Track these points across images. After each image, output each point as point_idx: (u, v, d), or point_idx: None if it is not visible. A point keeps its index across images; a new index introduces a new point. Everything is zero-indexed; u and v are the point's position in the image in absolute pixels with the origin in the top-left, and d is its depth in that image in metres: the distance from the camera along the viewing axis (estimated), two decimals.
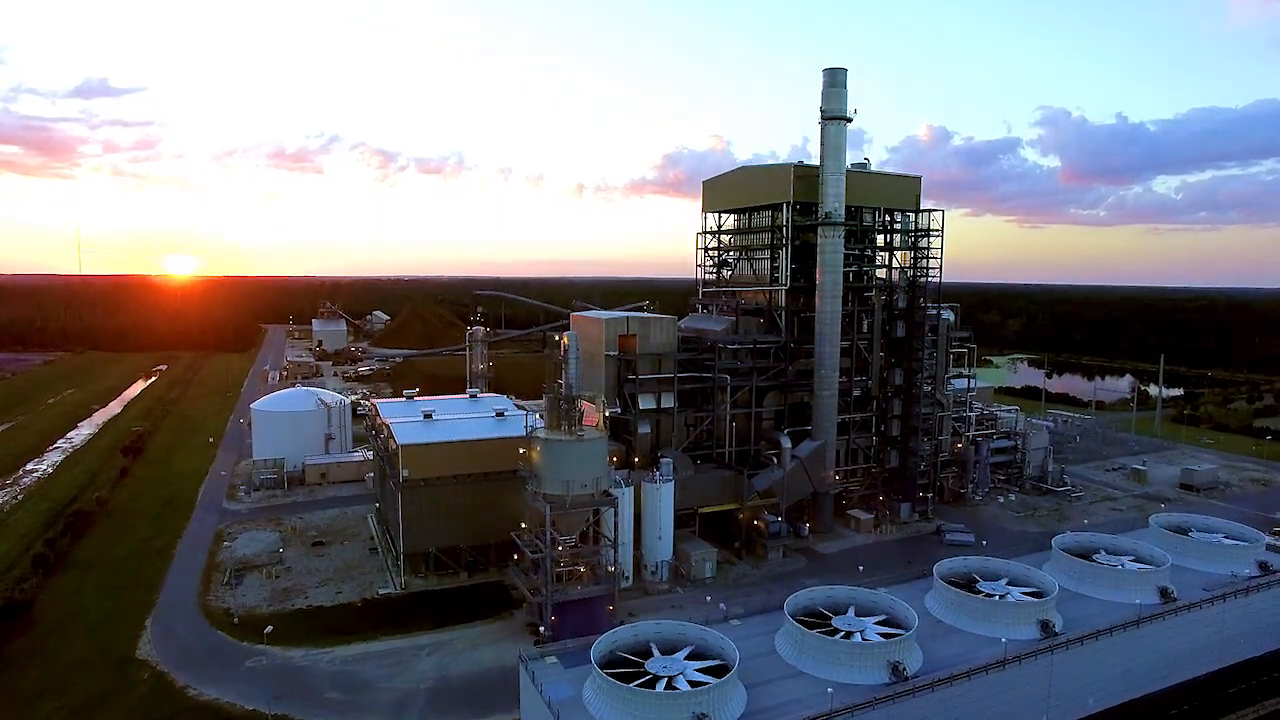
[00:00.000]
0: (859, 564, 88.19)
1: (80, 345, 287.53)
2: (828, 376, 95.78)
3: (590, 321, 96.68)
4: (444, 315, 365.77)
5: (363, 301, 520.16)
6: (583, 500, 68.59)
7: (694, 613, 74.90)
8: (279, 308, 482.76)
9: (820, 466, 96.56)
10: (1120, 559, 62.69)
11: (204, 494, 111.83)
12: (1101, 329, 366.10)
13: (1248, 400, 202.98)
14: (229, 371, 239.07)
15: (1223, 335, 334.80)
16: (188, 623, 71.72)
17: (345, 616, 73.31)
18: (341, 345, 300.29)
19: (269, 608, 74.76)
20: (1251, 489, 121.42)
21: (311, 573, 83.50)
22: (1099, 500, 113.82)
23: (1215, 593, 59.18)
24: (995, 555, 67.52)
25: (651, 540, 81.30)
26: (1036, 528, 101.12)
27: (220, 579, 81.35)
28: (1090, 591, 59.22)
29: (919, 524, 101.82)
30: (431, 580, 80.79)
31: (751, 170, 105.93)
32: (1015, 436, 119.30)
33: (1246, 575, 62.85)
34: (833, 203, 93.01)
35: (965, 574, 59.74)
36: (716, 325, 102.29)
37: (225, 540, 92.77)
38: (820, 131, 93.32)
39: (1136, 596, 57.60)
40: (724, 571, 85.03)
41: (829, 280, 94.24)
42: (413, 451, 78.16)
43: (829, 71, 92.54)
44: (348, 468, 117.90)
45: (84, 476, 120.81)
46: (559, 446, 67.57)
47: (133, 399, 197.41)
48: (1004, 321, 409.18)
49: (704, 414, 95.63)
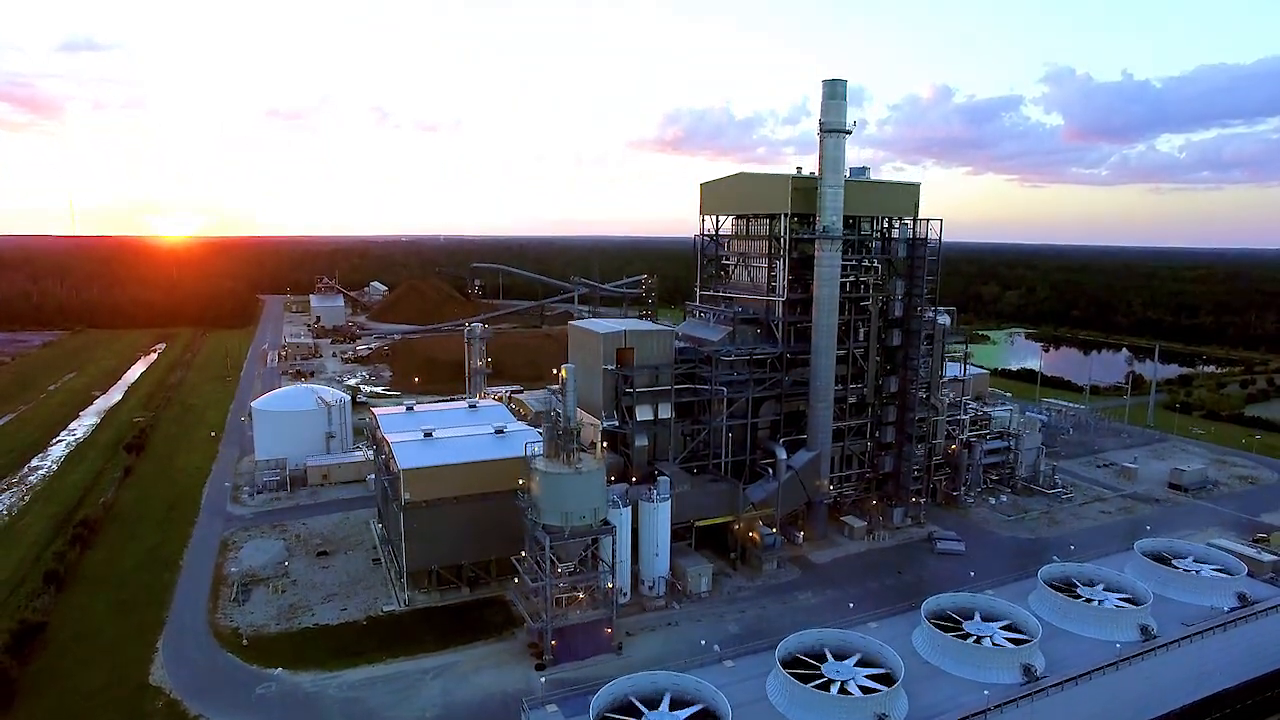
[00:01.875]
0: (852, 574, 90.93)
1: (78, 323, 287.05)
2: (823, 389, 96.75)
3: (588, 334, 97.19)
4: (442, 288, 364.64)
5: (360, 270, 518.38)
6: (581, 530, 70.18)
7: (690, 631, 77.68)
8: (276, 274, 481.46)
9: (815, 475, 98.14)
10: (1104, 594, 64.46)
11: (208, 496, 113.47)
12: (1099, 305, 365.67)
13: (1241, 385, 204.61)
14: (228, 353, 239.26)
15: (1220, 310, 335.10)
16: (198, 644, 73.75)
17: (351, 636, 75.35)
18: (340, 321, 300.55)
19: (277, 627, 76.81)
20: (1239, 488, 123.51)
21: (316, 587, 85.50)
22: (1089, 501, 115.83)
23: (1194, 630, 61.10)
24: (983, 585, 69.84)
25: (649, 557, 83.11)
26: (1026, 534, 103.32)
27: (228, 594, 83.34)
28: (1073, 628, 61.10)
29: (911, 529, 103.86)
30: (434, 596, 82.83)
31: (749, 178, 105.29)
32: (1009, 437, 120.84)
33: (1226, 608, 64.83)
34: (831, 216, 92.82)
35: (953, 610, 61.53)
36: (714, 334, 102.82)
37: (231, 550, 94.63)
38: (819, 143, 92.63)
39: (1118, 634, 59.62)
40: (719, 584, 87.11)
41: (826, 294, 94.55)
42: (415, 475, 79.43)
43: (829, 84, 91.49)
44: (349, 468, 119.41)
45: (88, 476, 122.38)
46: (558, 479, 68.85)
47: (133, 383, 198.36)
48: (1002, 293, 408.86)
49: (700, 425, 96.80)
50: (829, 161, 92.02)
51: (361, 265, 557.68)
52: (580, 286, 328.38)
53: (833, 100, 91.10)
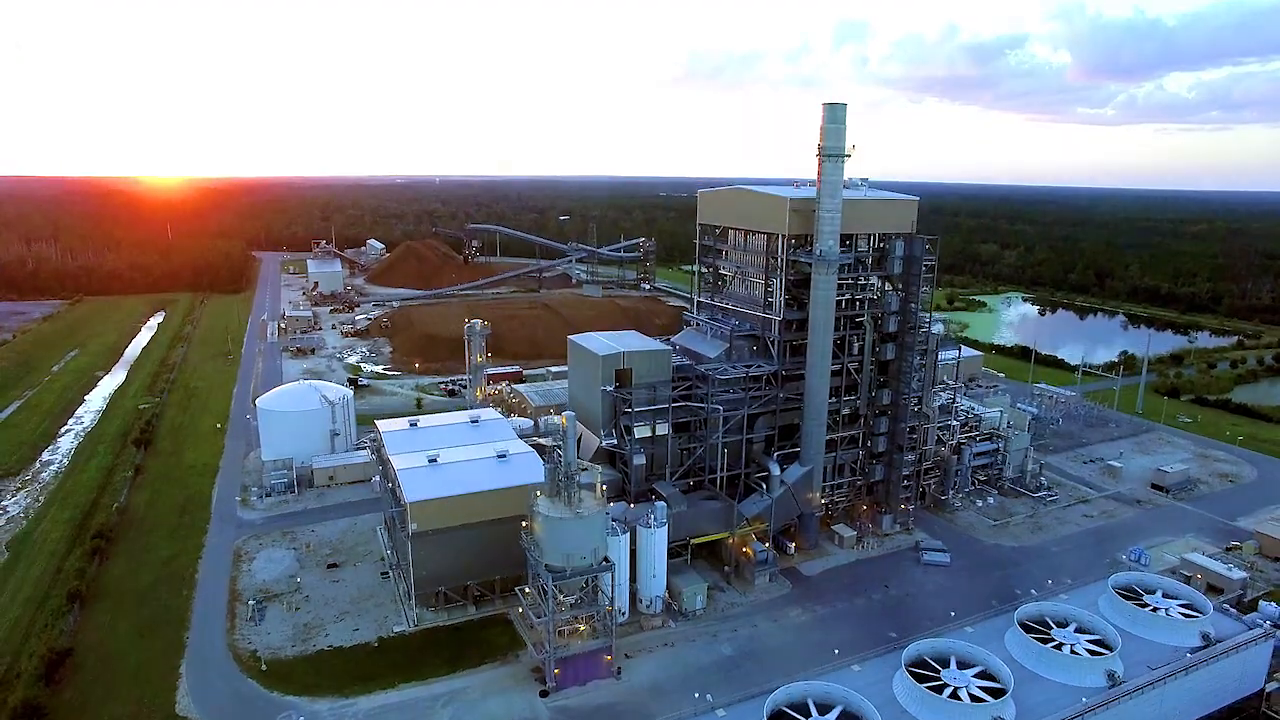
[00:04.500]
0: (841, 588, 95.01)
1: (76, 291, 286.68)
2: (818, 407, 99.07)
3: (587, 354, 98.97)
4: (439, 249, 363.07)
5: (356, 223, 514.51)
6: (583, 570, 73.52)
7: (686, 652, 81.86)
8: (271, 228, 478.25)
9: (807, 489, 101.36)
10: (1075, 636, 68.23)
11: (217, 498, 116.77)
12: (1097, 270, 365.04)
13: (1231, 365, 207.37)
14: (228, 326, 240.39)
15: (1218, 276, 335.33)
16: (220, 670, 77.76)
17: (364, 659, 79.43)
18: (338, 287, 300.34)
19: (293, 649, 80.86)
20: (1219, 487, 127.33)
21: (329, 603, 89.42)
22: (1073, 503, 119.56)
23: (1157, 674, 65.05)
24: (963, 622, 73.77)
25: (646, 578, 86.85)
26: (1010, 541, 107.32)
27: (244, 612, 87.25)
28: (1044, 672, 65.05)
29: (900, 536, 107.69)
30: (441, 614, 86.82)
31: (747, 195, 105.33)
32: (998, 438, 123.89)
33: (1189, 647, 68.81)
34: (828, 240, 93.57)
35: (932, 656, 65.32)
36: (711, 350, 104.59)
37: (244, 561, 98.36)
38: (817, 167, 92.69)
39: (1086, 679, 63.68)
40: (713, 599, 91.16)
41: (820, 317, 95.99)
42: (421, 507, 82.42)
43: (829, 107, 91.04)
44: (354, 469, 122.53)
45: (100, 475, 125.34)
46: (559, 523, 71.83)
47: (135, 361, 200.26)
48: (1000, 253, 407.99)
49: (697, 443, 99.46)
50: (827, 185, 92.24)
51: (357, 218, 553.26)
52: (579, 251, 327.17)
53: (832, 125, 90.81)
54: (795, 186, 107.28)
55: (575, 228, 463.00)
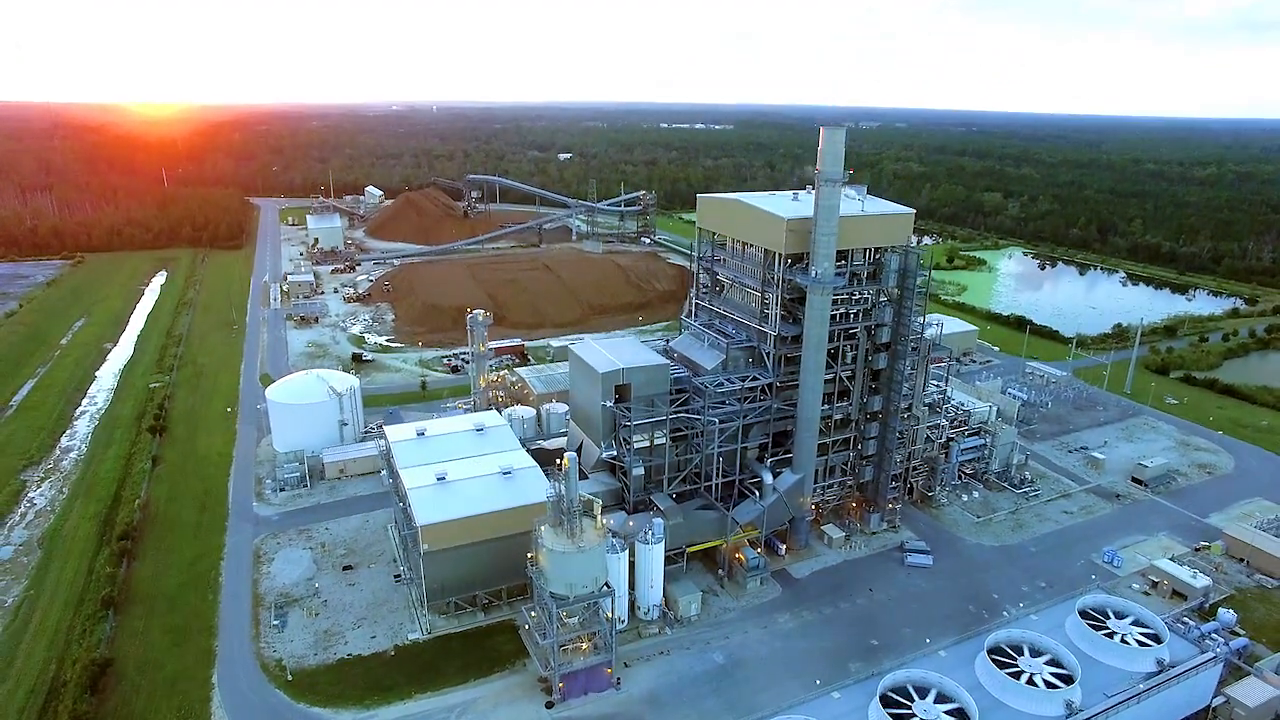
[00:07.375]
0: (828, 591, 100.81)
1: (75, 249, 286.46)
2: (810, 418, 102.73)
3: (588, 369, 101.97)
4: (439, 200, 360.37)
5: (354, 165, 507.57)
6: (585, 596, 78.74)
7: (680, 660, 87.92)
8: (265, 168, 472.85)
9: (799, 494, 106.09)
10: (1041, 666, 73.80)
11: (234, 492, 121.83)
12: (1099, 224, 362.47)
13: (1223, 337, 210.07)
14: (229, 291, 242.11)
15: (1220, 234, 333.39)
16: (249, 680, 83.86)
17: (381, 668, 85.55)
18: (338, 242, 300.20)
19: (315, 658, 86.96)
20: (1197, 479, 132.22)
21: (346, 608, 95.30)
22: (1054, 498, 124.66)
23: (1112, 702, 70.86)
24: (936, 646, 79.37)
25: (644, 589, 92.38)
26: (991, 540, 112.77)
27: (267, 618, 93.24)
28: (1010, 701, 70.74)
29: (887, 534, 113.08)
30: (452, 620, 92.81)
31: (746, 208, 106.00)
32: (986, 433, 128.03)
33: (1144, 673, 74.58)
34: (824, 264, 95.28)
35: (909, 684, 71.03)
36: (708, 360, 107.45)
37: (263, 563, 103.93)
38: (815, 191, 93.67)
39: (1047, 709, 69.53)
40: (708, 604, 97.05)
41: (815, 335, 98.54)
42: (432, 529, 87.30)
43: (829, 132, 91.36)
44: (364, 462, 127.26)
45: (118, 465, 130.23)
46: (563, 556, 76.59)
47: (141, 331, 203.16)
48: (1004, 203, 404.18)
49: (693, 453, 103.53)
50: (824, 210, 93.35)
51: (355, 159, 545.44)
52: (579, 209, 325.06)
53: (830, 151, 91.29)
54: (795, 197, 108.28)
55: (576, 172, 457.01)
